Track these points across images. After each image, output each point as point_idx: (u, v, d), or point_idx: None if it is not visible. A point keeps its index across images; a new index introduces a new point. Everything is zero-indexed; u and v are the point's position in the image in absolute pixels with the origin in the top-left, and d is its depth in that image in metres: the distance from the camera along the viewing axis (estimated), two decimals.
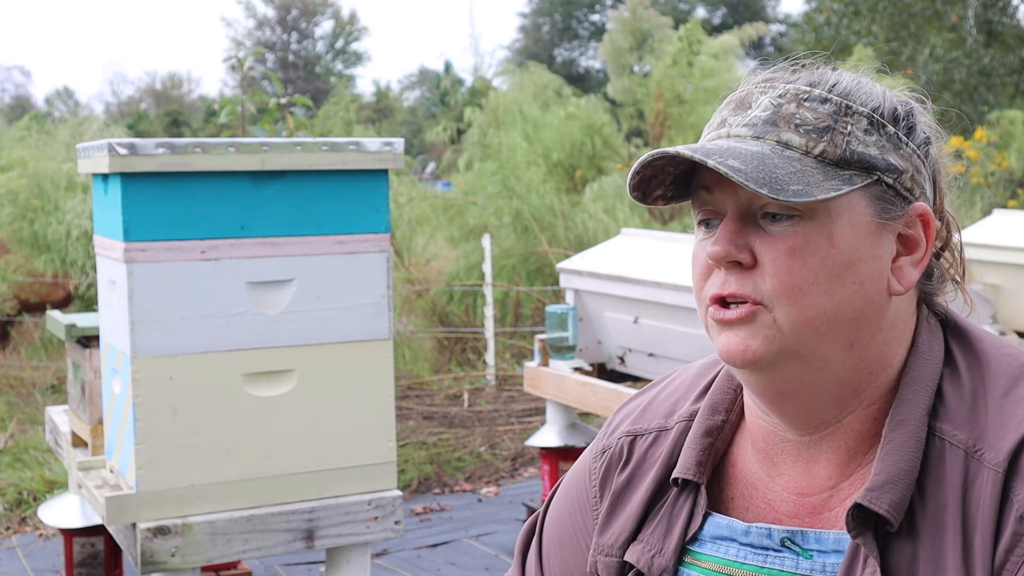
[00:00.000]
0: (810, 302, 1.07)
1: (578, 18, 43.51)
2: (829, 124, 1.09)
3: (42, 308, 8.27)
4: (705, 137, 1.16)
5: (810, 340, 1.08)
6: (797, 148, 1.08)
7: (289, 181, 2.87)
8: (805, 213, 1.07)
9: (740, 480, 1.19)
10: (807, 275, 1.07)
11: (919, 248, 1.13)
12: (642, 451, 1.25)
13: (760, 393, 1.13)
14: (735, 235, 1.09)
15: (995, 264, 4.96)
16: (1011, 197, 10.96)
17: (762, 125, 1.10)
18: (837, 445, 1.13)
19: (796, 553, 1.12)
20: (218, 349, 2.81)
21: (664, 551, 1.18)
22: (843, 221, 1.08)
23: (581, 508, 1.29)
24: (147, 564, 2.74)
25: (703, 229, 1.14)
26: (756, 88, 1.14)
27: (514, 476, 5.70)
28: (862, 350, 1.10)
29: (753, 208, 1.09)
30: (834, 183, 1.07)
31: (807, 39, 21.67)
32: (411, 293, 8.50)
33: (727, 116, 1.14)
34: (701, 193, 1.13)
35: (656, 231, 5.92)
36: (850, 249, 1.08)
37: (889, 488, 1.05)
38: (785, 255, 1.07)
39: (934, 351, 1.13)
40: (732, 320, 1.09)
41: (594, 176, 10.65)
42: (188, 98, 49.84)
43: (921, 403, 1.09)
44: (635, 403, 1.32)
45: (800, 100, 1.11)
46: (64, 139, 9.92)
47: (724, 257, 1.09)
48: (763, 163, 1.06)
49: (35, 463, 5.57)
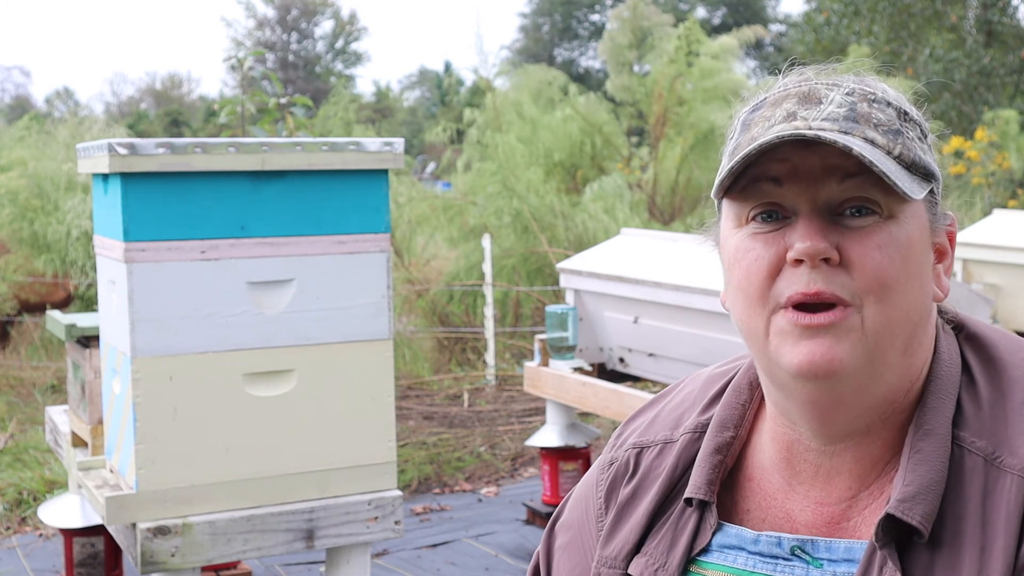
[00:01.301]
0: (896, 300, 1.04)
1: (578, 18, 43.52)
2: (898, 128, 1.07)
3: (42, 308, 8.27)
4: (763, 128, 1.08)
5: (886, 343, 1.05)
6: (882, 147, 1.05)
7: (289, 181, 2.87)
8: (886, 212, 1.05)
9: (758, 492, 1.17)
10: (894, 272, 1.04)
11: (947, 256, 1.13)
12: (648, 463, 1.24)
13: (813, 404, 1.08)
14: (823, 231, 1.04)
15: (995, 264, 4.96)
16: (1011, 197, 10.96)
17: (843, 121, 1.05)
18: (861, 455, 1.11)
19: (806, 562, 1.11)
20: (218, 349, 2.81)
21: (668, 565, 1.16)
22: (914, 224, 1.07)
23: (587, 519, 1.29)
24: (147, 564, 2.74)
25: (758, 223, 1.08)
26: (820, 84, 1.10)
27: (514, 476, 5.69)
28: (911, 356, 1.09)
29: (831, 203, 1.05)
30: (916, 185, 1.05)
31: (807, 39, 21.67)
32: (411, 293, 8.50)
33: (795, 109, 1.08)
34: (764, 186, 1.07)
35: (656, 231, 5.92)
36: (919, 251, 1.07)
37: (921, 499, 1.03)
38: (876, 251, 1.03)
39: (953, 358, 1.12)
40: (824, 324, 1.03)
41: (595, 176, 10.65)
42: (188, 98, 49.86)
43: (947, 411, 1.08)
44: (645, 416, 1.30)
45: (869, 101, 1.08)
46: (64, 139, 9.92)
47: (819, 253, 1.03)
48: (873, 156, 1.02)
49: (35, 463, 5.57)
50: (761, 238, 1.07)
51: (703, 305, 3.89)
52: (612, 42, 14.96)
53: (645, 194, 11.02)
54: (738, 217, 1.10)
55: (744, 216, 1.09)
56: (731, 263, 1.11)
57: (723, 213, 1.14)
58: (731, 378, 1.24)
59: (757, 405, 1.22)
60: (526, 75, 11.69)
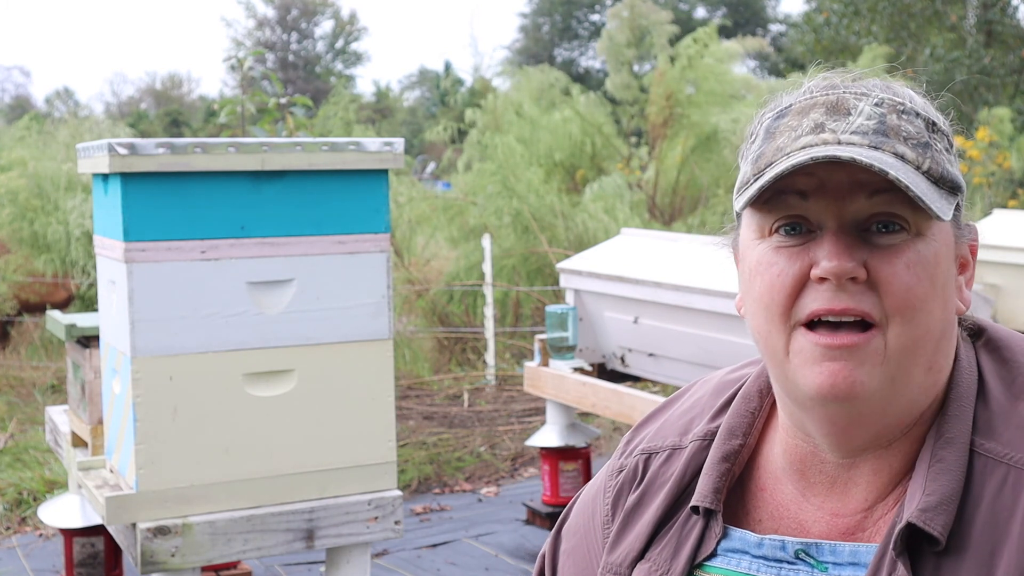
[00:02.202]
0: (921, 319, 1.02)
1: (578, 18, 43.51)
2: (927, 140, 1.05)
3: (42, 308, 8.27)
4: (789, 139, 1.06)
5: (909, 363, 1.03)
6: (911, 162, 1.03)
7: (289, 181, 2.87)
8: (913, 229, 1.03)
9: (770, 502, 1.16)
10: (922, 292, 1.02)
11: (969, 268, 1.12)
12: (655, 469, 1.23)
13: (831, 422, 1.07)
14: (851, 248, 1.01)
15: (995, 264, 4.96)
16: (1011, 197, 10.96)
17: (873, 135, 1.03)
18: (880, 466, 1.09)
19: (811, 566, 1.09)
20: (218, 349, 2.81)
21: (671, 572, 1.15)
22: (940, 240, 1.05)
23: (594, 525, 1.28)
24: (147, 564, 2.74)
25: (781, 235, 1.05)
26: (848, 94, 1.07)
27: (514, 476, 5.70)
28: (936, 373, 1.07)
29: (858, 219, 1.03)
30: (944, 201, 1.04)
31: (807, 39, 21.67)
32: (411, 293, 8.50)
33: (823, 120, 1.05)
34: (789, 198, 1.04)
35: (656, 231, 5.92)
36: (945, 268, 1.05)
37: (943, 509, 1.02)
38: (904, 270, 1.01)
39: (972, 366, 1.11)
40: (846, 345, 1.01)
41: (595, 176, 10.65)
42: (188, 98, 49.85)
43: (967, 419, 1.07)
44: (654, 423, 1.29)
45: (899, 112, 1.05)
46: (64, 139, 9.92)
47: (847, 273, 1.00)
48: (904, 176, 1.00)
49: (35, 463, 5.57)
50: (785, 252, 1.05)
51: (703, 305, 3.89)
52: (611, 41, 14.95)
53: (645, 194, 11.01)
54: (761, 228, 1.08)
55: (767, 227, 1.07)
56: (752, 274, 1.09)
57: (744, 222, 1.12)
58: (742, 385, 1.23)
59: (767, 413, 1.20)
60: (526, 77, 11.69)
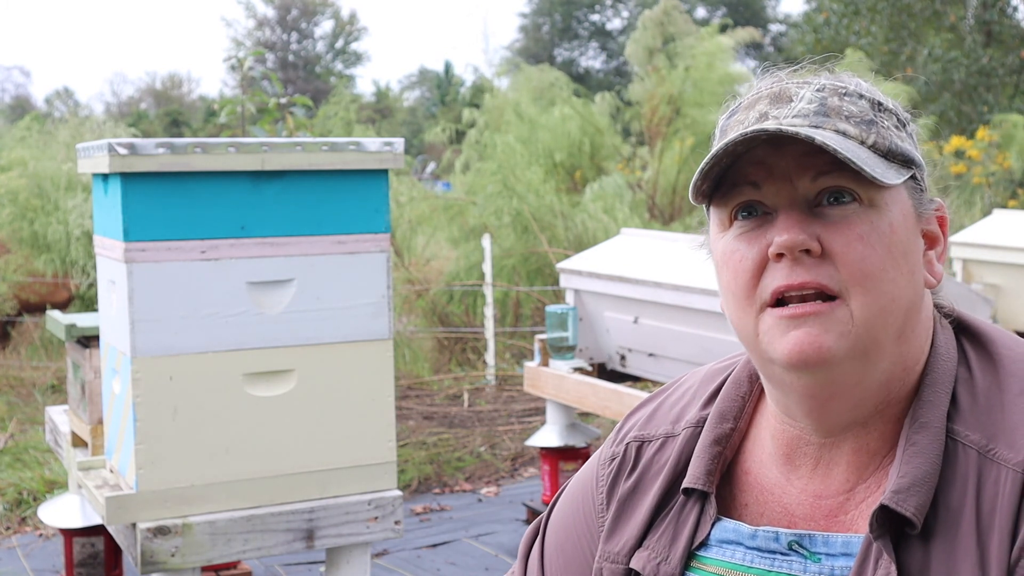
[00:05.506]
0: (882, 288, 1.06)
1: (578, 18, 43.53)
2: (871, 118, 1.09)
3: (42, 308, 8.27)
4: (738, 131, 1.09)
5: (878, 331, 1.06)
6: (855, 138, 1.07)
7: (289, 181, 2.87)
8: (865, 200, 1.06)
9: (755, 486, 1.18)
10: (877, 261, 1.05)
11: (939, 243, 1.15)
12: (649, 457, 1.25)
13: (810, 395, 1.09)
14: (802, 223, 1.06)
15: (995, 264, 4.96)
16: (1011, 197, 10.97)
17: (814, 116, 1.08)
18: (858, 447, 1.12)
19: (804, 557, 1.11)
20: (218, 349, 2.81)
21: (670, 558, 1.17)
22: (896, 210, 1.08)
23: (586, 514, 1.29)
24: (147, 564, 2.74)
25: (741, 221, 1.10)
26: (791, 84, 1.12)
27: (514, 476, 5.70)
28: (906, 343, 1.10)
29: (808, 197, 1.07)
30: (893, 171, 1.07)
31: (807, 39, 21.68)
32: (411, 293, 8.50)
33: (767, 109, 1.10)
34: (744, 189, 1.09)
35: (656, 231, 5.92)
36: (905, 238, 1.08)
37: (915, 491, 1.04)
38: (857, 240, 1.05)
39: (950, 352, 1.13)
40: (808, 313, 1.05)
41: (595, 176, 10.64)
42: (188, 98, 49.85)
43: (941, 404, 1.09)
44: (644, 410, 1.31)
45: (840, 95, 1.10)
46: (64, 139, 9.92)
47: (798, 245, 1.04)
48: (842, 147, 1.04)
49: (35, 463, 5.57)
50: (745, 239, 1.09)
51: (703, 305, 3.89)
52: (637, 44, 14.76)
53: (645, 194, 11.01)
54: (722, 221, 1.12)
55: (727, 219, 1.11)
56: (720, 267, 1.13)
57: (710, 219, 1.16)
58: (731, 373, 1.25)
59: (756, 398, 1.22)
60: (526, 78, 11.68)
